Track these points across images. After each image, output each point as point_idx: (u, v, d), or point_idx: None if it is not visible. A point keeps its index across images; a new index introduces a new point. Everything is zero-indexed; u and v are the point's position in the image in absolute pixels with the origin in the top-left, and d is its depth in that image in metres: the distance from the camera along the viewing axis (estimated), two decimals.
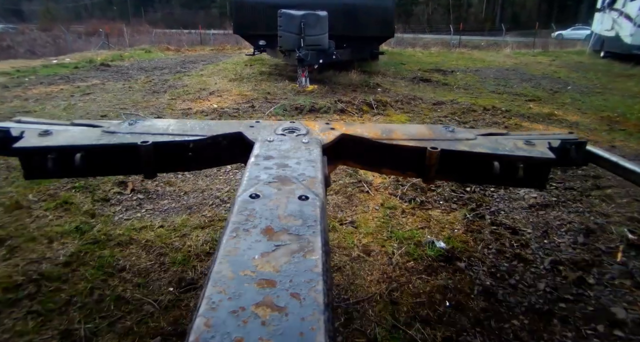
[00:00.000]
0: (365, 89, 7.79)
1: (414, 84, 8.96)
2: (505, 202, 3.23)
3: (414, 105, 6.54)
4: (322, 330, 0.62)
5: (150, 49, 16.69)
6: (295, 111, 5.73)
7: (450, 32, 26.07)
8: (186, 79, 9.01)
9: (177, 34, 30.41)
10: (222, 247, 0.81)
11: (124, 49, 17.77)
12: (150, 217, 2.82)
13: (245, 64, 11.48)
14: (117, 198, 3.07)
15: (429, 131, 1.78)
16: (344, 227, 2.67)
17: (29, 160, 1.51)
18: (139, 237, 2.53)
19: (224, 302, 0.67)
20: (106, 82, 8.69)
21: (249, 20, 8.85)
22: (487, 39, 30.10)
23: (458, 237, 2.67)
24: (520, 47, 21.73)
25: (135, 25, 36.99)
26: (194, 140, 1.58)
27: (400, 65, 12.36)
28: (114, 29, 27.40)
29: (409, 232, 2.65)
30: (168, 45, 18.26)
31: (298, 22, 7.17)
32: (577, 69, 12.89)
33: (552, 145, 1.69)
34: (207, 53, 16.61)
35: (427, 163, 1.60)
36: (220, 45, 19.64)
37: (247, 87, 7.76)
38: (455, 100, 7.05)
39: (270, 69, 10.62)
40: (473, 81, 9.75)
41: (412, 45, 21.79)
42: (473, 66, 13.11)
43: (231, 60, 13.04)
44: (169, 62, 12.71)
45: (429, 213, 2.94)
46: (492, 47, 23.16)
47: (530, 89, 8.96)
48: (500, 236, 2.71)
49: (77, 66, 11.41)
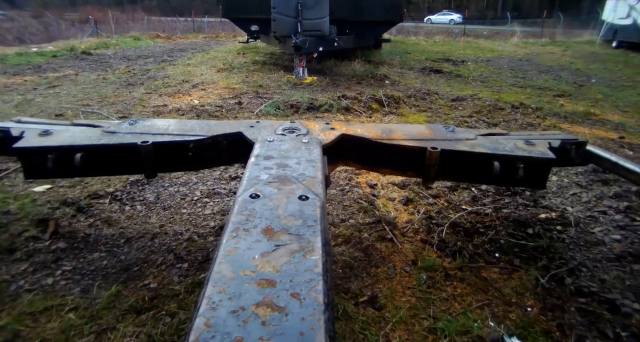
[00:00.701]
0: (372, 82, 6.71)
1: (424, 75, 7.87)
2: (583, 250, 2.24)
3: (429, 101, 5.49)
4: (322, 330, 0.61)
5: (140, 37, 15.42)
6: (290, 110, 4.67)
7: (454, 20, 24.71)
8: (170, 69, 7.89)
9: (173, 21, 29.06)
10: (222, 247, 0.80)
11: (113, 36, 16.51)
12: (65, 286, 1.81)
13: (238, 53, 10.33)
14: (27, 248, 2.06)
15: (429, 131, 1.75)
16: (360, 311, 1.67)
17: (29, 160, 1.51)
18: (33, 332, 1.53)
19: (224, 302, 0.65)
20: (80, 73, 7.57)
21: (240, 1, 7.67)
22: (490, 28, 28.75)
23: (535, 322, 1.69)
24: (526, 37, 20.49)
25: (131, 12, 35.60)
26: (194, 140, 1.56)
27: (406, 54, 11.23)
28: (107, 16, 26.10)
29: (462, 318, 1.66)
30: (158, 32, 16.96)
31: (294, 3, 6.05)
32: (593, 60, 11.82)
33: (552, 145, 1.68)
34: (199, 41, 15.38)
35: (427, 163, 1.58)
36: (214, 33, 18.35)
37: (237, 79, 6.66)
38: (476, 95, 5.99)
39: (265, 57, 9.49)
40: (488, 72, 8.67)
41: (414, 33, 20.50)
42: (483, 56, 12.00)
43: (223, 48, 11.86)
44: (156, 50, 11.53)
45: (484, 275, 1.95)
46: (495, 36, 21.90)
47: (552, 82, 7.90)
48: (595, 317, 1.73)
49: (55, 55, 10.24)
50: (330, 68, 7.80)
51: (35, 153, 1.48)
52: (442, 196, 2.71)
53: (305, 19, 6.18)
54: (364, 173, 2.94)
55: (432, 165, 1.57)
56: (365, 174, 2.95)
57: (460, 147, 1.60)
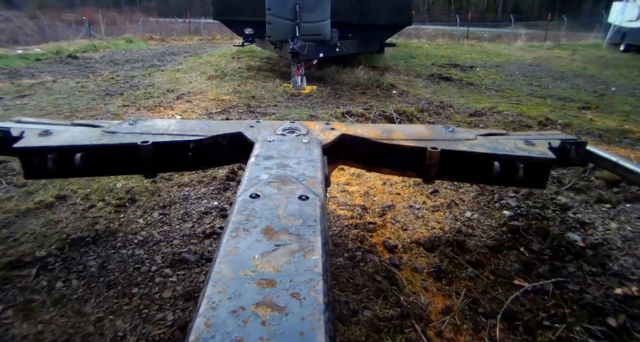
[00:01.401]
0: (377, 92, 6.00)
1: (433, 83, 7.17)
2: None
3: (445, 116, 4.78)
4: (322, 330, 0.60)
5: (132, 39, 14.68)
6: None
7: (453, 23, 24.07)
8: (157, 76, 7.17)
9: (171, 23, 28.35)
10: (222, 247, 0.79)
11: (104, 38, 15.78)
12: None
13: (233, 57, 9.61)
14: None
15: (429, 131, 1.73)
16: None
17: (29, 160, 1.49)
18: None
19: (224, 302, 0.65)
20: (59, 80, 6.85)
21: (232, 2, 6.91)
22: (491, 31, 28.04)
23: None
24: (530, 39, 19.80)
25: (128, 13, 34.93)
26: (194, 140, 1.54)
27: (410, 58, 10.52)
28: (103, 17, 25.45)
29: None
30: (152, 34, 16.21)
31: (292, 4, 5.33)
32: (605, 65, 11.15)
33: (552, 145, 1.66)
34: (194, 43, 14.65)
35: (427, 163, 1.57)
36: (210, 35, 17.61)
37: (228, 88, 5.95)
38: (495, 108, 5.29)
39: (261, 63, 8.78)
40: (500, 80, 7.97)
41: (415, 36, 19.78)
42: (490, 60, 11.30)
43: (217, 51, 11.13)
44: (147, 54, 10.80)
45: None
46: (497, 38, 21.21)
47: (570, 91, 7.22)
48: None
49: (39, 58, 9.53)
50: (331, 75, 7.09)
51: (35, 153, 1.46)
52: (484, 262, 2.01)
53: (304, 22, 5.47)
54: (379, 230, 2.25)
55: (432, 165, 1.57)
56: (381, 230, 2.25)
57: (460, 147, 1.59)
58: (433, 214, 2.51)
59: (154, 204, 2.51)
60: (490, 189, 2.87)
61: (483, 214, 2.53)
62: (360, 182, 2.88)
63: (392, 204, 2.57)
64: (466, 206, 2.63)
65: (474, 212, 2.56)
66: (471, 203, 2.67)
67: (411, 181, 2.90)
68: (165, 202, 2.54)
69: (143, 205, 2.50)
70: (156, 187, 2.71)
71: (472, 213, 2.54)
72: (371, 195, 2.68)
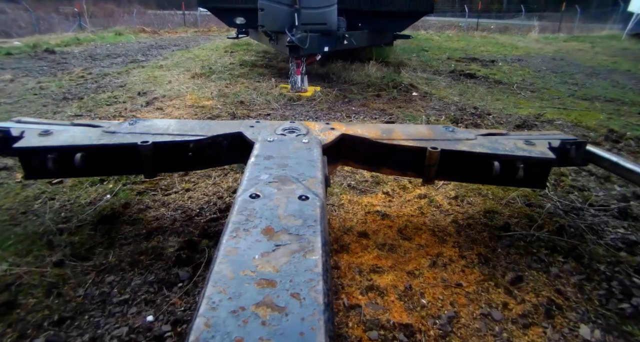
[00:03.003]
0: (395, 93, 4.83)
1: (456, 81, 6.00)
2: None
3: (486, 129, 3.65)
4: (322, 330, 0.59)
5: (123, 31, 13.44)
6: None
7: (458, 13, 22.66)
8: (133, 74, 6.02)
9: (170, 15, 27.00)
10: (222, 247, 0.78)
11: (88, 29, 14.57)
12: None
13: (226, 51, 8.42)
14: None
15: (429, 131, 1.71)
16: None
17: (29, 160, 1.47)
18: None
19: (224, 302, 0.64)
20: (18, 78, 5.73)
21: None
22: (497, 22, 26.55)
23: None
24: (542, 31, 18.42)
25: (127, 5, 33.58)
26: (194, 140, 1.52)
27: (422, 51, 9.32)
28: (97, 8, 24.16)
29: None
30: (144, 26, 14.96)
31: None
32: (635, 59, 9.93)
33: (552, 145, 1.64)
34: (188, 35, 13.41)
35: (427, 163, 1.55)
36: (206, 27, 16.33)
37: (213, 90, 4.80)
38: (542, 115, 4.15)
39: (257, 57, 7.60)
40: (530, 77, 6.79)
41: (421, 28, 18.41)
42: (509, 54, 10.08)
43: (210, 44, 9.93)
44: (132, 48, 9.60)
45: None
46: (504, 30, 19.79)
47: (613, 90, 6.05)
48: None
49: (10, 52, 8.38)
50: (337, 73, 5.92)
51: (35, 153, 1.44)
52: None
53: (304, 8, 4.31)
54: None
55: (432, 165, 1.54)
56: None
57: (460, 147, 1.56)
58: (525, 332, 1.42)
59: (44, 316, 1.42)
60: (598, 268, 1.76)
61: (609, 332, 1.43)
62: (394, 264, 1.71)
63: (454, 311, 1.48)
64: (574, 309, 1.53)
65: (593, 325, 1.46)
66: (580, 302, 1.57)
67: (473, 254, 1.80)
68: (67, 310, 1.45)
69: (24, 318, 1.41)
70: (59, 276, 1.60)
71: (590, 329, 1.44)
72: (417, 292, 1.56)
